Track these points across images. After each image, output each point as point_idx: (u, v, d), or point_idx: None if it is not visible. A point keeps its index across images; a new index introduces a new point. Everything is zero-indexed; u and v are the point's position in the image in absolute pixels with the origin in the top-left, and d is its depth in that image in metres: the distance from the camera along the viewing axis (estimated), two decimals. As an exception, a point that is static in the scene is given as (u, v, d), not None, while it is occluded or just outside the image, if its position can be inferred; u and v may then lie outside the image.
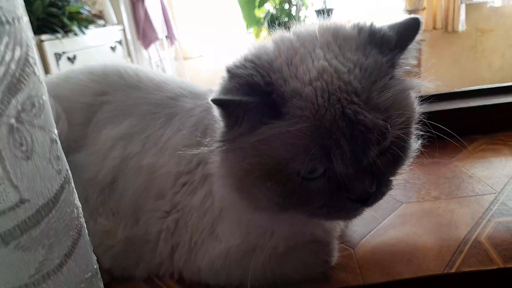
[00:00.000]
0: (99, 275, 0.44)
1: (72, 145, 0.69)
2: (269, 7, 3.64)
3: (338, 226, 0.67)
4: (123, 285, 0.67)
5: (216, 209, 0.61)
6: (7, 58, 0.31)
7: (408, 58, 0.52)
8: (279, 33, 0.54)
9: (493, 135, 1.07)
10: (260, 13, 3.62)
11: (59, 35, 2.30)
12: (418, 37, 0.52)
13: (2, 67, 0.31)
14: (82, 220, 0.41)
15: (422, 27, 0.51)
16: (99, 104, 0.71)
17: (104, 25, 2.87)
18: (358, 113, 0.44)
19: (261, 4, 3.60)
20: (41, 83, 0.36)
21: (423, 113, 0.57)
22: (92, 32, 2.61)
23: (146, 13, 3.25)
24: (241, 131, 0.47)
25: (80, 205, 0.41)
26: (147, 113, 0.69)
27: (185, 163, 0.63)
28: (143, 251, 0.64)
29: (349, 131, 0.44)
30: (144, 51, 3.41)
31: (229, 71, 0.48)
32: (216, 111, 0.49)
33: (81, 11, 2.49)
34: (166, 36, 3.71)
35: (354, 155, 0.45)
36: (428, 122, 0.58)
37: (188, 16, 4.08)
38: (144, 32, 3.31)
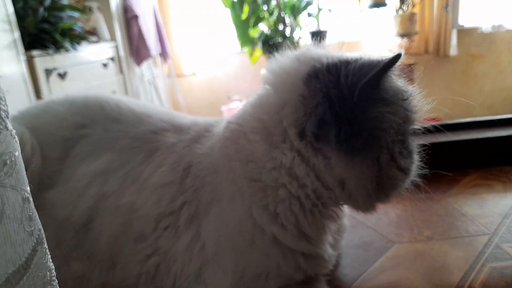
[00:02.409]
0: None
1: (46, 181, 0.65)
2: (263, 27, 3.65)
3: (331, 260, 0.64)
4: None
5: (209, 253, 0.57)
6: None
7: None
8: None
9: (486, 170, 1.05)
10: (254, 33, 3.64)
11: (50, 51, 2.26)
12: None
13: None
14: (55, 283, 0.38)
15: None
16: (77, 137, 0.68)
17: (97, 42, 2.85)
18: None
19: (255, 24, 3.61)
20: (14, 138, 0.33)
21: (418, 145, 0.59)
22: (84, 48, 2.58)
23: (140, 30, 3.24)
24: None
25: (54, 267, 0.38)
26: (127, 148, 0.65)
27: (165, 203, 0.59)
28: None
29: None
30: (136, 69, 3.39)
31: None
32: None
33: (74, 27, 2.46)
34: (159, 54, 3.70)
35: None
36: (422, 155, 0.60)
37: (182, 34, 4.09)
38: (137, 49, 3.29)
